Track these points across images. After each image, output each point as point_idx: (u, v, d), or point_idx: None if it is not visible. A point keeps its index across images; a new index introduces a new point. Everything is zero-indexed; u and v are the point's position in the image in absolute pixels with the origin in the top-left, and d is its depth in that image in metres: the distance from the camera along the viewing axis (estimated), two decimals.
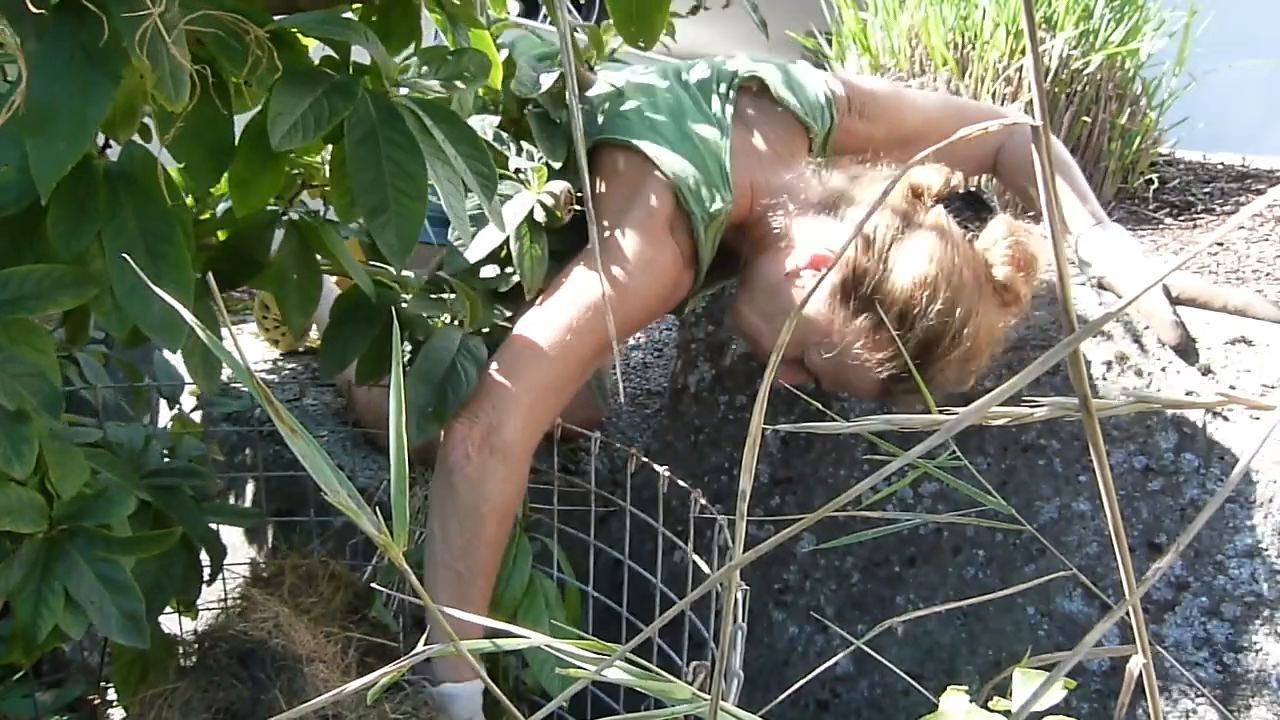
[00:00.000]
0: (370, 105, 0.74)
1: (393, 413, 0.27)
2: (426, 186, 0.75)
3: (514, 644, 0.32)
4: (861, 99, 1.15)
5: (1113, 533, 0.29)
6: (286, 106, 0.69)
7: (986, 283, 0.97)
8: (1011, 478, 1.11)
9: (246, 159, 0.79)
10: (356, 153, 0.73)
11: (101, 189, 0.70)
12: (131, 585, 0.79)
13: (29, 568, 0.77)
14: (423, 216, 0.75)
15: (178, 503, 0.95)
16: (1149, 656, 0.30)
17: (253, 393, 0.23)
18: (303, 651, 0.94)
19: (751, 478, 0.26)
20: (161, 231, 0.71)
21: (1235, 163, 1.98)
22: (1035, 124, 0.24)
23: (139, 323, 0.70)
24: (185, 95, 0.63)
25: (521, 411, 0.96)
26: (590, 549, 1.14)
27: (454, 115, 0.79)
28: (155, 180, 0.72)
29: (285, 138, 0.68)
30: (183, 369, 1.27)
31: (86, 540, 0.79)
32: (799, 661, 1.19)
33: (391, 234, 0.74)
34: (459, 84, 0.81)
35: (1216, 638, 0.98)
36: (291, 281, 0.91)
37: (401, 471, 0.28)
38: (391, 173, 0.73)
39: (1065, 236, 1.14)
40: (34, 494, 0.77)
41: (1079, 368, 0.26)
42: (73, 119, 0.61)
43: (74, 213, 0.69)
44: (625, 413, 1.55)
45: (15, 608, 0.76)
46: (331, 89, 0.72)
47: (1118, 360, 1.08)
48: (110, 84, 0.62)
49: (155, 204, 0.71)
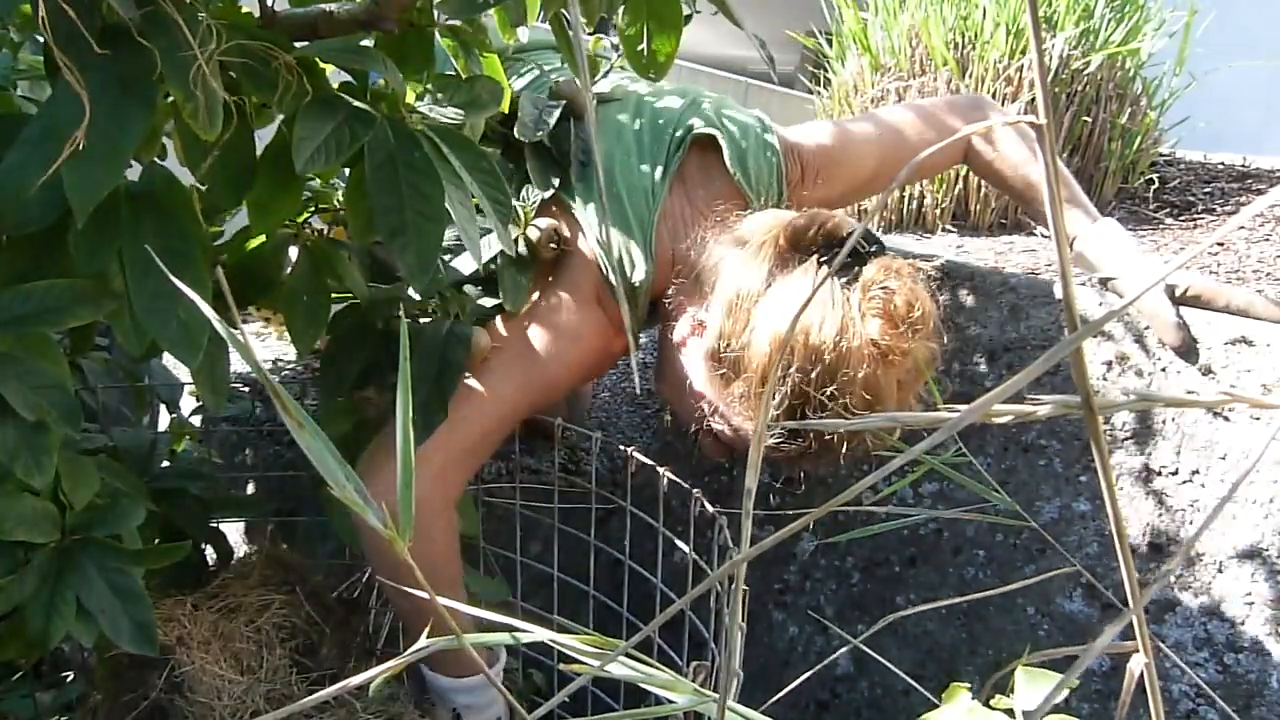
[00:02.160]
0: (389, 131, 0.75)
1: (399, 409, 0.27)
2: (444, 210, 0.76)
3: (512, 638, 0.32)
4: (817, 166, 1.11)
5: (1114, 533, 0.29)
6: (310, 132, 0.70)
7: (858, 336, 0.88)
8: (1012, 477, 1.11)
9: (266, 182, 0.80)
10: (376, 176, 0.74)
11: (124, 207, 0.71)
12: (142, 595, 0.80)
13: (42, 577, 0.78)
14: (440, 238, 0.77)
15: (184, 507, 0.96)
16: (1150, 656, 0.30)
17: (263, 383, 0.23)
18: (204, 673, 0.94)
19: (757, 475, 0.26)
20: (181, 250, 0.72)
21: (1236, 163, 1.98)
22: (1039, 123, 0.24)
23: (158, 337, 0.72)
24: (219, 125, 0.65)
25: (431, 471, 0.95)
26: (590, 549, 1.14)
27: (468, 141, 0.80)
28: (175, 200, 0.73)
29: (309, 162, 0.70)
30: (180, 374, 1.28)
31: (98, 550, 0.80)
32: (799, 661, 1.19)
33: (412, 255, 0.75)
34: (472, 110, 0.82)
35: (1216, 638, 0.98)
36: (302, 303, 0.92)
37: (408, 466, 0.28)
38: (410, 196, 0.75)
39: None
40: (48, 504, 0.78)
41: (1082, 366, 0.26)
42: (110, 146, 0.62)
43: (97, 231, 0.70)
44: (625, 413, 1.55)
45: (28, 616, 0.77)
46: (352, 115, 0.73)
47: (1118, 360, 1.08)
48: (146, 112, 0.64)
49: (175, 223, 0.73)
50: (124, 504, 0.83)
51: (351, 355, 0.99)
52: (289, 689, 0.99)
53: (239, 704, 0.94)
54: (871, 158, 1.13)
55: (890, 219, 1.84)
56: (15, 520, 0.75)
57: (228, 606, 1.03)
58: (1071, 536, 1.06)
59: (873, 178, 1.14)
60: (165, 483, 0.98)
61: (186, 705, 0.94)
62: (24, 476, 0.70)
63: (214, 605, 1.03)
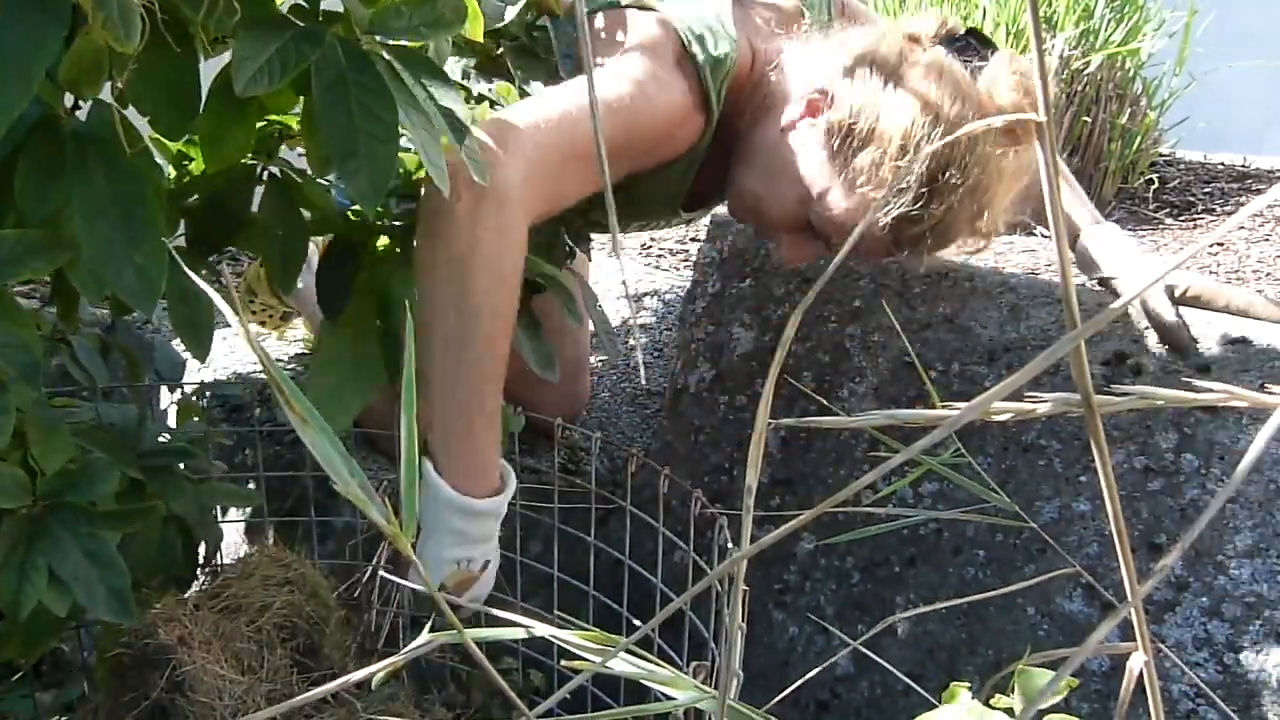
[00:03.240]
0: (340, 51, 0.72)
1: (404, 406, 0.27)
2: (398, 131, 0.73)
3: (514, 633, 0.32)
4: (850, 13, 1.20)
5: (1114, 532, 0.29)
6: (251, 51, 0.67)
7: (993, 109, 0.95)
8: (1012, 477, 1.11)
9: (216, 113, 0.77)
10: (324, 99, 0.71)
11: (70, 149, 0.69)
12: (117, 560, 0.77)
13: (12, 544, 0.75)
14: (394, 160, 0.74)
15: (171, 482, 0.91)
16: (1150, 655, 0.30)
17: (270, 373, 0.23)
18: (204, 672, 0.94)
19: (758, 473, 0.26)
20: (133, 192, 0.69)
21: (1236, 163, 1.98)
22: (1039, 119, 0.24)
23: (113, 286, 0.69)
24: (135, 35, 0.61)
25: (521, 160, 0.86)
26: (590, 549, 1.14)
27: (427, 60, 0.77)
28: (125, 140, 0.70)
29: (250, 83, 0.67)
30: (189, 370, 1.27)
31: (71, 515, 0.77)
32: (799, 661, 1.19)
33: (364, 179, 0.72)
34: (435, 30, 0.78)
35: (1216, 638, 0.98)
36: (276, 239, 0.89)
37: (412, 462, 0.28)
38: (361, 117, 0.72)
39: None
40: (15, 469, 0.75)
41: (1081, 365, 0.26)
42: (19, 64, 0.59)
43: (41, 174, 0.67)
44: (625, 413, 1.55)
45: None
46: (299, 35, 0.71)
47: (1117, 359, 1.08)
48: (58, 28, 0.60)
49: (126, 164, 0.70)
50: (97, 468, 0.79)
51: (345, 271, 0.95)
52: (290, 689, 0.98)
53: (240, 704, 0.94)
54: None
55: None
56: None
57: (229, 606, 1.03)
58: (1071, 536, 1.06)
59: None
60: (154, 459, 0.94)
61: (187, 705, 0.93)
62: None
63: (215, 605, 1.03)
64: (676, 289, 1.89)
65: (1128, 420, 1.06)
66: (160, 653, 0.88)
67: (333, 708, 0.96)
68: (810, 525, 1.21)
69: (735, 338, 1.33)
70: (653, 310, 1.83)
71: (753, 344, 1.33)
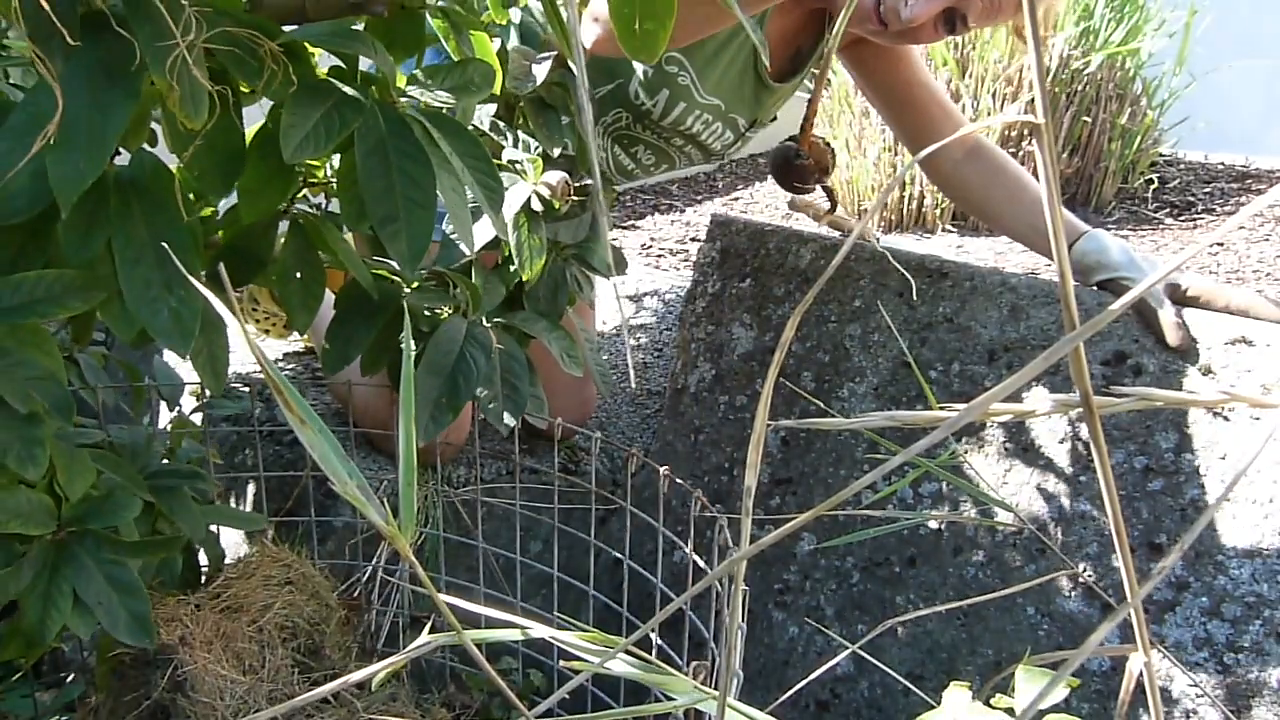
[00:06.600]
0: (379, 116, 0.75)
1: (402, 405, 0.27)
2: (435, 195, 0.76)
3: (514, 634, 0.32)
4: None
5: (1114, 533, 0.29)
6: (299, 119, 0.70)
7: None
8: (1012, 477, 1.11)
9: (256, 168, 0.80)
10: (367, 163, 0.74)
11: (113, 196, 0.71)
12: (139, 586, 0.80)
13: (38, 569, 0.78)
14: (432, 224, 0.76)
15: (180, 504, 0.95)
16: (1150, 656, 0.30)
17: (262, 384, 0.23)
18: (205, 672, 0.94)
19: (757, 474, 0.26)
20: (172, 236, 0.72)
21: (1236, 163, 1.98)
22: (1038, 122, 0.24)
23: (149, 327, 0.71)
24: (204, 113, 0.64)
25: None
26: (590, 549, 1.14)
27: (459, 126, 0.80)
28: (164, 188, 0.73)
29: (298, 150, 0.69)
30: (183, 371, 1.28)
31: (94, 542, 0.80)
32: (799, 661, 1.20)
33: (403, 242, 0.74)
34: (464, 94, 0.81)
35: (1216, 638, 0.98)
36: (295, 280, 0.91)
37: (410, 463, 0.28)
38: (401, 182, 0.74)
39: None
40: (43, 496, 0.78)
41: (1081, 365, 0.26)
42: (92, 135, 0.62)
43: (85, 220, 0.69)
44: (625, 413, 1.55)
45: (24, 608, 0.77)
46: (342, 101, 0.73)
47: (1117, 359, 1.08)
48: (129, 101, 0.63)
49: (165, 211, 0.72)
50: (120, 496, 0.82)
51: (356, 330, 0.97)
52: (291, 689, 0.98)
53: (241, 704, 0.94)
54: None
55: (890, 219, 1.84)
56: (10, 513, 0.74)
57: (230, 606, 1.03)
58: (1071, 536, 1.06)
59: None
60: (161, 480, 0.97)
61: (189, 705, 0.93)
62: (17, 469, 0.70)
63: (216, 605, 1.03)
64: (676, 289, 1.89)
65: (1127, 420, 1.06)
66: (161, 652, 0.88)
67: (333, 708, 0.96)
68: (810, 525, 1.21)
69: (735, 338, 1.33)
70: (653, 310, 1.83)
71: (753, 344, 1.33)
